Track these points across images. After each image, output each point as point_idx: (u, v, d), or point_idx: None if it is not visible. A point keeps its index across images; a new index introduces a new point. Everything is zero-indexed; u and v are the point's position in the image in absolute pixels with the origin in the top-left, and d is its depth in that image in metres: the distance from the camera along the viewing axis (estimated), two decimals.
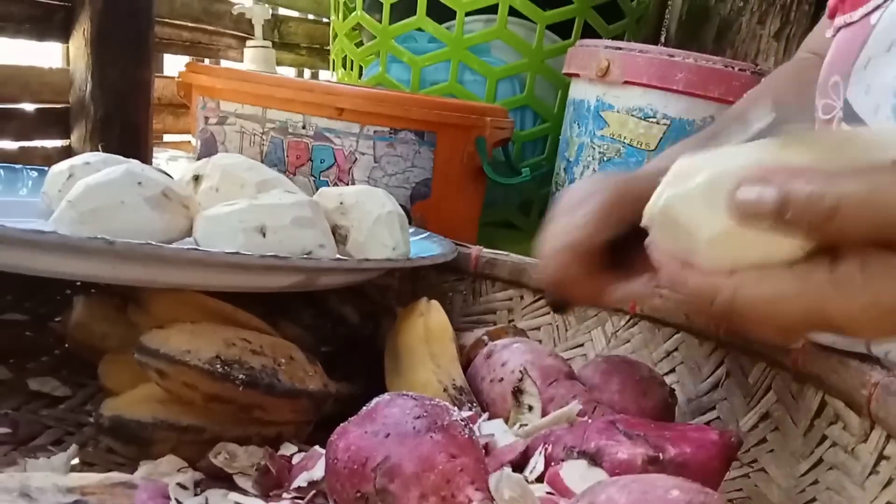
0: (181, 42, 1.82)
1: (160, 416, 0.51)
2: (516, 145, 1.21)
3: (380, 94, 0.93)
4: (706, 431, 0.47)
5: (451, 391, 0.57)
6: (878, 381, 0.47)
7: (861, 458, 0.48)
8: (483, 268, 0.77)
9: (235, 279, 0.56)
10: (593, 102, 0.98)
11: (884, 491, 0.45)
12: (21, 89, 1.19)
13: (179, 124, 1.76)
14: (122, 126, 1.23)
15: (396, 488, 0.38)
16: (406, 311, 0.66)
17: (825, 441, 0.51)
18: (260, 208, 0.59)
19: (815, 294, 0.35)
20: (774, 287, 0.36)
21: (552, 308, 0.70)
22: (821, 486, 0.50)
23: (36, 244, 0.48)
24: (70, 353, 0.65)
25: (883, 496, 0.45)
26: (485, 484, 0.39)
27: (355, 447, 0.40)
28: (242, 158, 0.71)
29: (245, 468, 0.48)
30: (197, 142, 1.01)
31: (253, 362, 0.52)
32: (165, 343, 0.50)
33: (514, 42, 1.17)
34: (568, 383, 0.56)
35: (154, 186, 0.59)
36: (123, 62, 1.22)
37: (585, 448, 0.46)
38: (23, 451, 0.54)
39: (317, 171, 0.94)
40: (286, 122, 0.93)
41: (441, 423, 0.40)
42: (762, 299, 0.37)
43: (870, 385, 0.48)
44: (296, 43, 2.31)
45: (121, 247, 0.48)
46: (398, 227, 0.69)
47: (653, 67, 0.90)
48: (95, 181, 0.58)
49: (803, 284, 0.35)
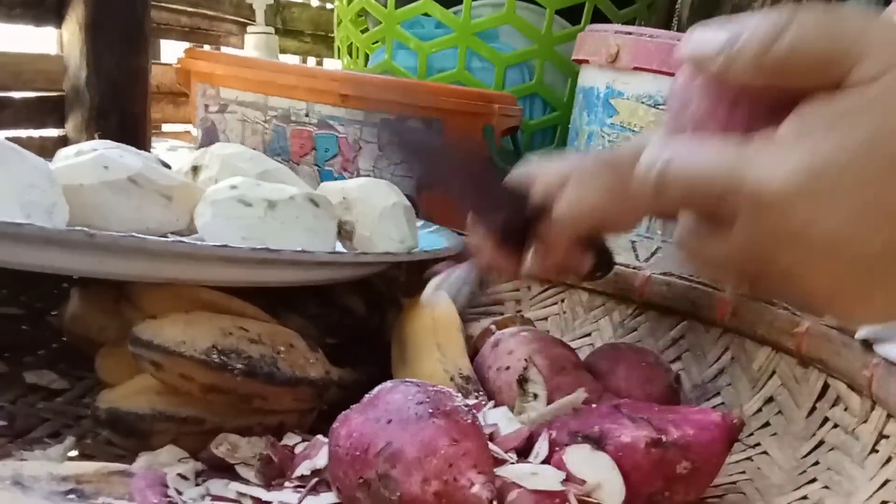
0: (179, 27, 1.81)
1: (158, 407, 0.51)
2: (525, 134, 1.19)
3: (384, 81, 0.92)
4: (708, 413, 0.47)
5: (458, 381, 0.56)
6: (878, 363, 0.48)
7: (861, 438, 0.49)
8: None
9: (228, 273, 0.54)
10: (603, 90, 0.96)
11: (883, 468, 0.46)
12: (14, 77, 1.18)
13: (179, 113, 1.75)
14: (119, 115, 1.22)
15: (399, 473, 0.37)
16: (413, 301, 0.65)
17: (827, 423, 0.53)
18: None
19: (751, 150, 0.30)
20: (712, 148, 0.31)
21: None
22: (821, 467, 0.50)
23: (15, 237, 0.46)
24: (67, 347, 0.65)
25: (882, 473, 0.46)
26: (488, 468, 0.38)
27: (357, 433, 0.40)
28: (242, 148, 0.70)
29: (247, 458, 0.47)
30: (197, 131, 1.00)
31: (251, 351, 0.51)
32: (159, 334, 0.49)
33: (523, 27, 1.15)
34: (574, 371, 0.56)
35: (120, 171, 0.57)
36: (119, 48, 1.20)
37: (589, 432, 0.46)
38: (19, 443, 0.53)
39: (321, 160, 0.93)
40: (289, 109, 0.92)
41: (443, 409, 0.40)
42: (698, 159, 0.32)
43: (871, 366, 0.49)
44: (299, 29, 2.29)
45: (102, 239, 0.46)
46: (404, 219, 0.68)
47: (663, 53, 0.89)
48: (67, 163, 0.57)
49: (742, 143, 0.31)
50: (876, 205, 0.28)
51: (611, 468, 0.43)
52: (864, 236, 0.28)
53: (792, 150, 0.29)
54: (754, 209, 0.30)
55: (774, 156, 0.29)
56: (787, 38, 0.29)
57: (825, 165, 0.28)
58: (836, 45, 0.28)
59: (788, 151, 0.29)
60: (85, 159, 0.57)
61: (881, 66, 0.28)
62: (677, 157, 0.32)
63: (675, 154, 0.33)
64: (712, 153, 0.31)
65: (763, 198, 0.29)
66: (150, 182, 0.58)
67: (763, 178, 0.29)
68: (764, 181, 0.29)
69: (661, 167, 0.33)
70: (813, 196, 0.28)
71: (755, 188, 0.29)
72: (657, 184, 0.33)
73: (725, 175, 0.30)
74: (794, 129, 0.29)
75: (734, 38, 0.30)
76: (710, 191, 0.31)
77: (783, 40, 0.29)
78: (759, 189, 0.29)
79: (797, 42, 0.29)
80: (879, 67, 0.28)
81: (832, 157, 0.28)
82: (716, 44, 0.31)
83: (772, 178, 0.29)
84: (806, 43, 0.29)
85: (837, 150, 0.28)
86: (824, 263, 0.30)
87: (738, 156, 0.30)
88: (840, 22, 0.29)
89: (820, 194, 0.28)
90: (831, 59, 0.28)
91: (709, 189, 0.31)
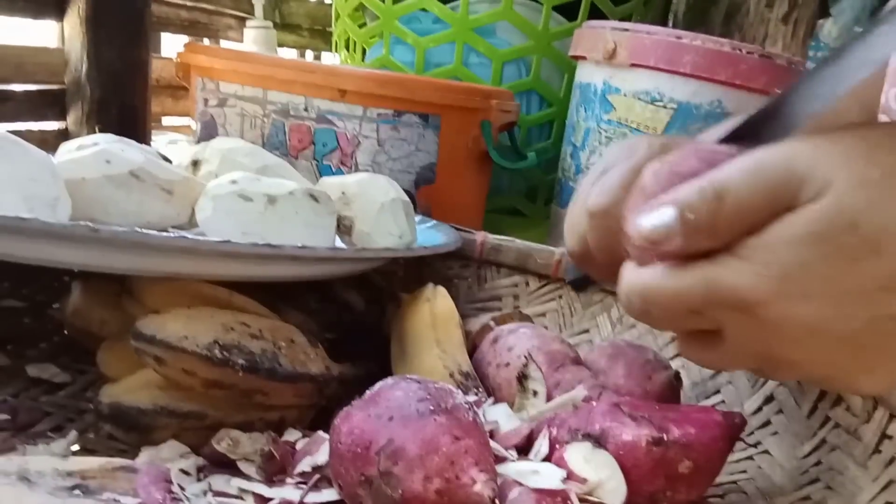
0: (179, 21, 1.80)
1: (160, 402, 0.51)
2: (522, 130, 1.20)
3: (383, 76, 0.92)
4: (710, 412, 0.47)
5: (458, 377, 0.56)
6: None
7: (864, 439, 0.49)
8: (488, 254, 0.77)
9: (230, 268, 0.54)
10: (600, 86, 0.97)
11: (886, 469, 0.46)
12: (15, 70, 1.18)
13: (178, 107, 1.75)
14: (119, 108, 1.21)
15: (400, 471, 0.37)
16: (412, 296, 0.65)
17: (828, 423, 0.52)
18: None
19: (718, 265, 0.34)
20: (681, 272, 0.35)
21: (572, 286, 0.69)
22: (823, 467, 0.51)
23: (19, 230, 0.46)
24: (69, 340, 0.64)
25: (885, 475, 0.46)
26: (490, 466, 0.38)
27: (359, 430, 0.40)
28: (242, 143, 0.70)
29: (248, 454, 0.47)
30: (196, 124, 1.00)
31: (252, 347, 0.51)
32: (162, 329, 0.49)
33: (520, 23, 1.15)
34: (574, 368, 0.56)
35: (123, 165, 0.57)
36: (120, 42, 1.20)
37: (590, 430, 0.46)
38: (22, 437, 0.53)
39: (319, 154, 0.93)
40: (287, 104, 0.92)
41: (445, 406, 0.40)
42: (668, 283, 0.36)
43: None
44: (297, 24, 2.29)
45: (105, 234, 0.46)
46: (403, 214, 0.68)
47: (660, 49, 0.89)
48: (69, 157, 0.57)
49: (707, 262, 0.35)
50: (844, 291, 0.32)
51: (612, 466, 0.43)
52: (842, 318, 0.32)
53: (755, 259, 0.33)
54: (739, 318, 0.34)
55: (740, 266, 0.33)
56: (732, 196, 0.33)
57: (788, 270, 0.32)
58: (775, 188, 0.33)
59: (752, 261, 0.33)
60: (87, 153, 0.57)
61: (820, 185, 0.32)
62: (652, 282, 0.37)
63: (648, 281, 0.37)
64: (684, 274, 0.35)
65: (743, 305, 0.33)
66: (152, 176, 0.58)
67: (736, 287, 0.33)
68: (737, 289, 0.33)
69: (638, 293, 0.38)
70: (784, 296, 0.32)
71: (731, 297, 0.34)
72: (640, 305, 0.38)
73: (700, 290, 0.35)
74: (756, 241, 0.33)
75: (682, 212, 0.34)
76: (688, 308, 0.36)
77: (729, 199, 0.33)
78: (736, 296, 0.33)
79: (739, 200, 0.33)
80: (819, 186, 0.32)
81: (793, 263, 0.32)
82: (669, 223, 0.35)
83: (744, 286, 0.33)
84: (747, 196, 0.33)
85: (797, 256, 0.32)
86: (813, 348, 0.34)
87: (706, 272, 0.34)
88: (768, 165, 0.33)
89: (790, 294, 0.32)
90: (775, 197, 0.33)
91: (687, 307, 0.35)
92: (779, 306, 0.32)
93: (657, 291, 0.36)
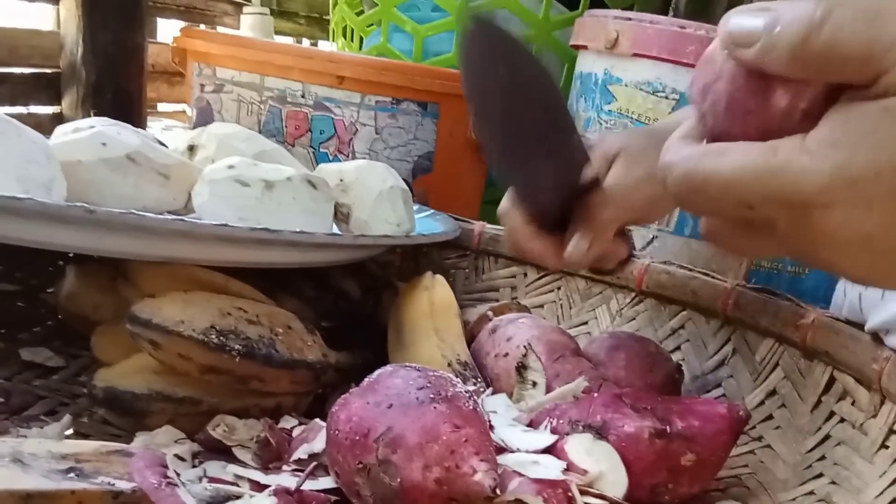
0: (175, 6, 1.80)
1: (155, 387, 0.50)
2: None
3: (382, 63, 0.91)
4: (714, 405, 0.46)
5: (456, 366, 0.56)
6: (889, 356, 0.48)
7: (870, 434, 0.48)
8: (486, 244, 0.76)
9: (227, 253, 0.54)
10: (601, 76, 0.96)
11: (893, 465, 0.46)
12: (9, 53, 1.17)
13: (174, 93, 1.74)
14: (114, 92, 1.21)
15: (399, 459, 0.37)
16: (410, 285, 0.65)
17: (833, 417, 0.52)
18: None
19: (781, 160, 0.30)
20: (737, 158, 0.31)
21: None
22: (828, 462, 0.50)
23: (14, 211, 0.46)
24: (62, 324, 0.64)
25: (893, 470, 0.45)
26: (490, 455, 0.38)
27: (357, 418, 0.39)
28: (239, 128, 0.69)
29: (244, 441, 0.47)
30: (192, 110, 0.99)
31: (249, 332, 0.50)
32: (158, 313, 0.49)
33: (521, 12, 1.15)
34: (574, 359, 0.56)
35: (119, 148, 0.57)
36: (115, 25, 1.19)
37: (591, 421, 0.46)
38: (15, 420, 0.52)
39: (316, 142, 0.92)
40: (285, 90, 0.91)
41: (445, 394, 0.39)
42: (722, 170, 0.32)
43: (881, 359, 0.48)
44: (294, 11, 2.28)
45: (101, 215, 0.46)
46: (401, 202, 0.67)
47: (663, 39, 0.88)
48: (65, 139, 0.56)
49: (769, 152, 0.31)
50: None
51: (613, 458, 0.43)
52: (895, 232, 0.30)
53: (827, 159, 0.29)
54: (794, 217, 0.31)
55: (810, 165, 0.29)
56: (825, 32, 0.28)
57: (860, 175, 0.29)
58: (874, 44, 0.28)
59: (823, 160, 0.29)
60: (83, 136, 0.56)
61: None
62: (702, 166, 0.32)
63: (697, 163, 0.33)
64: (741, 162, 0.31)
65: (803, 206, 0.30)
66: (148, 160, 0.58)
67: (801, 188, 0.30)
68: (802, 191, 0.30)
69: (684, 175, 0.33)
70: (849, 203, 0.29)
71: (794, 198, 0.30)
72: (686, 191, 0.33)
73: (759, 185, 0.31)
74: (828, 137, 0.29)
75: (771, 25, 0.30)
76: (741, 200, 0.32)
77: (821, 34, 0.28)
78: (798, 198, 0.30)
79: (836, 36, 0.28)
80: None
81: (866, 168, 0.29)
82: (752, 30, 0.30)
83: (810, 188, 0.29)
84: (845, 38, 0.28)
85: (871, 161, 0.29)
86: (861, 255, 0.31)
87: (770, 165, 0.31)
88: (880, 18, 0.28)
89: (856, 201, 0.29)
90: (869, 57, 0.28)
91: (740, 199, 0.32)
92: (842, 212, 0.30)
93: (708, 176, 0.32)
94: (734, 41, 0.31)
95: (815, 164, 0.29)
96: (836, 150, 0.29)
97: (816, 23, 0.28)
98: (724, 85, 0.32)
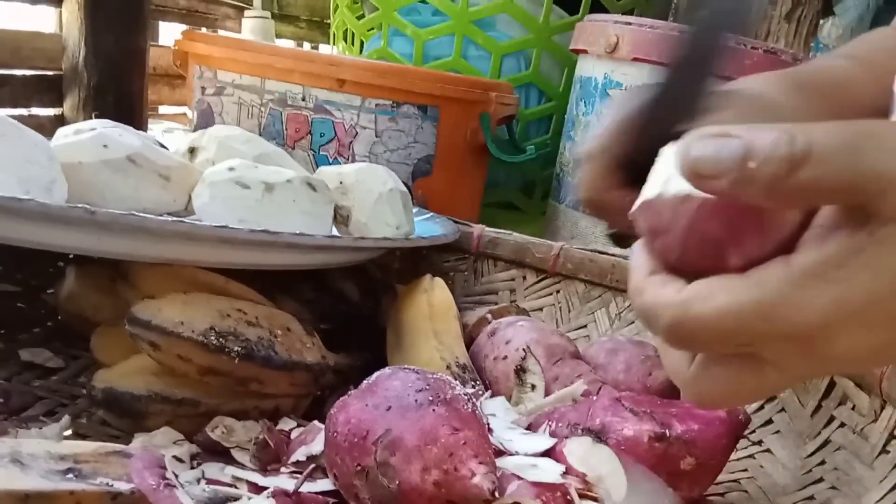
0: (177, 10, 1.80)
1: (154, 388, 0.50)
2: (520, 124, 1.19)
3: (382, 66, 0.91)
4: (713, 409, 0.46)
5: (455, 369, 0.56)
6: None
7: (870, 439, 0.48)
8: (485, 247, 0.76)
9: (227, 255, 0.54)
10: (601, 80, 0.96)
11: (894, 470, 0.45)
12: (12, 54, 1.17)
13: (175, 96, 1.74)
14: (116, 95, 1.21)
15: (398, 461, 0.37)
16: (409, 287, 0.65)
17: (833, 422, 0.52)
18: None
19: (773, 296, 0.29)
20: (726, 301, 0.29)
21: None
22: (828, 467, 0.50)
23: (15, 211, 0.46)
24: (62, 325, 0.64)
25: (893, 475, 0.45)
26: (489, 458, 0.38)
27: (356, 420, 0.39)
28: (240, 131, 0.69)
29: (243, 442, 0.47)
30: (193, 113, 0.99)
31: (248, 334, 0.50)
32: (157, 314, 0.49)
33: (521, 16, 1.15)
34: (573, 362, 0.56)
35: (120, 150, 0.57)
36: (118, 28, 1.19)
37: (590, 425, 0.45)
38: (14, 421, 0.52)
39: (316, 145, 0.92)
40: (285, 93, 0.91)
41: (444, 397, 0.39)
42: (711, 317, 0.30)
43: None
44: (295, 15, 2.29)
45: (102, 216, 0.46)
46: (401, 205, 0.67)
47: (663, 44, 0.88)
48: (66, 141, 0.56)
49: (756, 289, 0.29)
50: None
51: (612, 462, 0.43)
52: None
53: (823, 294, 0.28)
54: (796, 346, 0.30)
55: (805, 301, 0.28)
56: (809, 168, 0.27)
57: (860, 308, 0.28)
58: (862, 175, 0.27)
59: (819, 296, 0.28)
60: (84, 137, 0.56)
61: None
62: (690, 314, 0.30)
63: (684, 311, 0.30)
64: (729, 304, 0.29)
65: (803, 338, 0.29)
66: (149, 162, 0.58)
67: (798, 324, 0.29)
68: (800, 326, 0.29)
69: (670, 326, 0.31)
70: (852, 330, 0.28)
71: (793, 332, 0.29)
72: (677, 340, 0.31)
73: (753, 326, 0.29)
74: (819, 271, 0.28)
75: (744, 157, 0.28)
76: (737, 341, 0.30)
77: (805, 169, 0.27)
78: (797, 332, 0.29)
79: (822, 170, 0.27)
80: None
81: (866, 301, 0.28)
82: (722, 162, 0.28)
83: (808, 323, 0.28)
84: (831, 171, 0.27)
85: (869, 293, 0.28)
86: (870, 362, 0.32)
87: (761, 304, 0.29)
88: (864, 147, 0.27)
89: (858, 328, 0.28)
90: (855, 188, 0.27)
91: (735, 340, 0.30)
92: (846, 338, 0.29)
93: (697, 326, 0.30)
94: (700, 173, 0.29)
95: (810, 299, 0.28)
96: (830, 284, 0.28)
97: (798, 158, 0.27)
98: (686, 219, 0.30)
